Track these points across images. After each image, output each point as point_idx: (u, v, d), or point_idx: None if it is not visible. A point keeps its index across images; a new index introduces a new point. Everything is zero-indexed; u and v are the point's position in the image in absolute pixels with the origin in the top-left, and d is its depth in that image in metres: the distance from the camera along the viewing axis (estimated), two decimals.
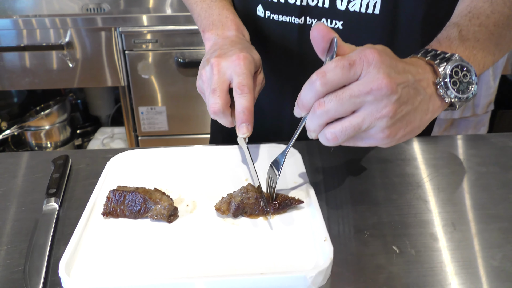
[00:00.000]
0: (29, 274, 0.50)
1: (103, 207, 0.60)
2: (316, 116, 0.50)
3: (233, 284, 0.49)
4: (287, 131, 0.92)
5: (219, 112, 0.62)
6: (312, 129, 0.52)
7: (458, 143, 0.82)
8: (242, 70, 0.62)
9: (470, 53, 0.59)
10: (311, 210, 0.60)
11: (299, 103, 0.52)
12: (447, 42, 0.59)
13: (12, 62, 1.89)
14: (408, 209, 0.63)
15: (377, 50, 0.48)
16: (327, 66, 0.48)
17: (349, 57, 0.48)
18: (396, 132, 0.50)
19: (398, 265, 0.53)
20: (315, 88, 0.49)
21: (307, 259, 0.52)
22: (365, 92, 0.47)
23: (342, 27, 0.77)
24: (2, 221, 0.61)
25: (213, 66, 0.63)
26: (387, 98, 0.47)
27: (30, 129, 2.14)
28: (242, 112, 0.61)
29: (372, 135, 0.50)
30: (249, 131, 0.62)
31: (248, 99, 0.62)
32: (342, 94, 0.48)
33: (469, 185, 0.69)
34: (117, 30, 1.84)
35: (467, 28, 0.61)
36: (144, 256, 0.53)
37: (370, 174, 0.72)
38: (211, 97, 0.62)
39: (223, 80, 0.63)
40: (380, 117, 0.48)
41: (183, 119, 2.09)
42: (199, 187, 0.66)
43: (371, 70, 0.47)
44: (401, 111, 0.49)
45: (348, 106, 0.48)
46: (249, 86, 0.62)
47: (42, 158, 0.77)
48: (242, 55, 0.63)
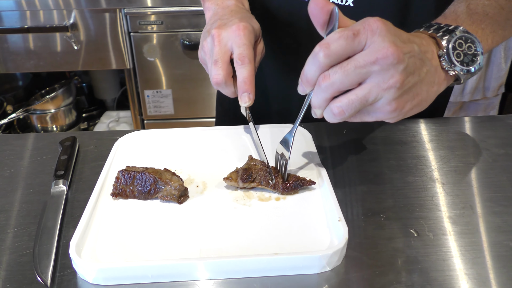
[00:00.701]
0: (39, 257, 0.49)
1: (112, 188, 0.59)
2: (321, 90, 0.48)
3: (247, 265, 0.48)
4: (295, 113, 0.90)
5: (222, 82, 0.62)
6: (318, 105, 0.50)
7: (472, 124, 0.80)
8: (242, 40, 0.62)
9: (478, 27, 0.57)
10: (324, 191, 0.59)
11: (303, 79, 0.50)
12: (453, 16, 0.58)
13: (16, 44, 1.87)
14: (425, 192, 0.61)
15: (380, 19, 0.46)
16: (330, 37, 0.46)
17: (352, 27, 0.46)
18: (404, 104, 0.49)
19: (416, 248, 0.52)
20: (318, 60, 0.47)
21: (321, 240, 0.51)
22: (370, 61, 0.45)
23: (353, 5, 0.74)
24: (10, 203, 0.60)
25: (214, 38, 0.63)
26: (393, 67, 0.45)
27: (35, 113, 2.13)
28: (243, 81, 0.61)
29: (379, 108, 0.49)
30: (250, 100, 0.62)
31: (249, 69, 0.61)
32: (347, 66, 0.46)
33: (487, 167, 0.67)
34: (122, 11, 1.82)
35: (476, 2, 0.59)
36: (155, 237, 0.52)
37: (384, 156, 0.70)
38: (213, 68, 0.63)
39: (224, 51, 0.63)
40: (387, 87, 0.46)
41: (189, 102, 2.07)
42: (209, 168, 0.65)
43: (376, 39, 0.45)
44: (408, 82, 0.47)
45: (353, 78, 0.46)
46: (249, 57, 0.62)
47: (49, 140, 0.75)
48: (242, 25, 0.63)
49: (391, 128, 0.77)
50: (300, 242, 0.51)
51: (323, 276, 0.49)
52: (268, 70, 0.89)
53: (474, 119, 0.82)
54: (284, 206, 0.57)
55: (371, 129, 0.77)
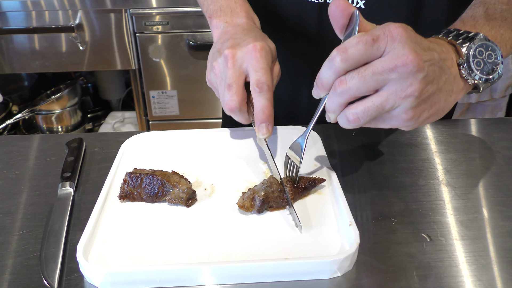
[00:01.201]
0: (46, 260, 0.49)
1: (119, 190, 0.58)
2: (336, 95, 0.47)
3: (256, 270, 0.47)
4: (304, 116, 0.89)
5: (236, 110, 0.59)
6: (332, 110, 0.49)
7: (482, 126, 0.79)
8: (260, 64, 0.58)
9: (497, 32, 0.56)
10: (334, 195, 0.58)
11: (318, 83, 0.49)
12: (472, 21, 0.57)
13: (22, 45, 1.88)
14: (436, 195, 0.60)
15: (402, 25, 0.45)
16: (349, 41, 0.45)
17: (372, 33, 0.45)
18: (420, 113, 0.48)
19: (428, 253, 0.51)
20: (335, 65, 0.46)
21: (332, 244, 0.51)
22: (389, 68, 0.44)
23: (364, 6, 0.73)
24: (16, 205, 0.59)
25: (228, 58, 0.59)
26: (413, 75, 0.44)
27: (41, 113, 2.13)
28: (261, 111, 0.58)
29: (395, 116, 0.48)
30: (269, 132, 0.59)
31: (268, 98, 0.57)
32: (365, 71, 0.45)
33: (499, 170, 0.66)
34: (128, 12, 1.81)
35: (494, 7, 0.58)
36: (163, 241, 0.52)
37: (393, 158, 0.69)
38: (226, 93, 0.59)
39: (239, 74, 0.59)
40: (405, 96, 0.45)
41: (194, 103, 2.06)
42: (217, 171, 0.64)
43: (396, 46, 0.44)
44: (426, 91, 0.46)
45: (371, 84, 0.45)
46: (268, 83, 0.57)
47: (55, 141, 0.75)
48: (259, 45, 0.58)
49: (400, 130, 0.76)
50: (311, 247, 0.50)
51: (334, 281, 0.48)
52: None
53: (483, 121, 0.80)
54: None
55: (380, 131, 0.76)
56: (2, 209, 0.59)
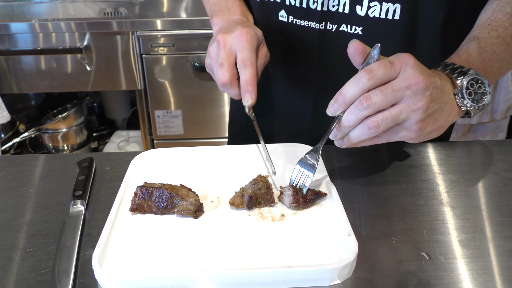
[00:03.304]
0: (58, 276, 0.51)
1: (130, 203, 0.61)
2: (359, 109, 0.55)
3: (261, 277, 0.50)
4: (307, 135, 0.92)
5: (227, 83, 0.67)
6: (350, 123, 0.56)
7: (482, 148, 0.81)
8: (245, 45, 0.67)
9: (486, 65, 0.65)
10: (333, 206, 0.61)
11: (339, 99, 0.56)
12: (466, 55, 0.66)
13: (30, 66, 1.92)
14: (436, 215, 0.62)
15: (410, 55, 0.56)
16: (372, 65, 0.55)
17: (388, 59, 0.55)
18: (426, 126, 0.56)
19: (428, 272, 0.52)
20: (362, 82, 0.54)
21: (332, 253, 0.54)
22: (404, 86, 0.53)
23: (361, 33, 0.76)
24: (29, 223, 0.61)
25: (219, 42, 0.68)
26: (422, 93, 0.54)
27: (47, 132, 2.16)
28: (245, 83, 0.66)
29: (406, 128, 0.56)
30: (252, 99, 0.67)
31: (250, 72, 0.66)
32: (386, 89, 0.54)
33: (497, 191, 0.68)
34: (135, 34, 1.86)
35: (485, 40, 0.67)
36: (172, 250, 0.55)
37: (394, 179, 0.71)
38: (219, 70, 0.68)
39: (229, 54, 0.68)
40: (416, 109, 0.54)
41: (198, 123, 2.09)
42: (223, 184, 0.67)
43: (408, 69, 0.54)
44: (431, 107, 0.55)
45: (390, 99, 0.54)
46: (251, 60, 0.66)
47: (65, 161, 0.77)
48: (245, 30, 0.68)
49: (401, 152, 0.78)
50: (311, 255, 0.53)
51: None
52: (281, 92, 0.91)
53: (482, 143, 0.83)
54: (295, 221, 0.60)
55: (381, 152, 0.78)
56: (16, 226, 0.61)
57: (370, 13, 0.75)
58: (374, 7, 0.74)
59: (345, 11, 0.76)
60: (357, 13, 0.75)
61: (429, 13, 0.74)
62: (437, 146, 0.80)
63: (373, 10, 0.74)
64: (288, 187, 0.63)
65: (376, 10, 0.74)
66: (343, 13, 0.76)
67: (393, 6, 0.73)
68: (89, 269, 0.52)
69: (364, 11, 0.75)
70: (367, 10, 0.75)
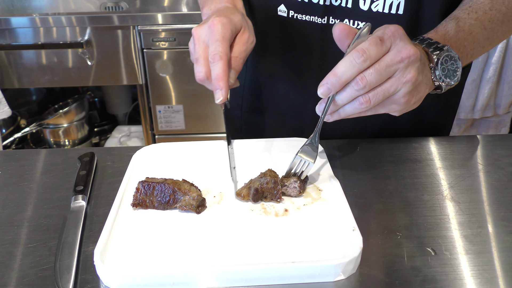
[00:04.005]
0: (60, 271, 0.50)
1: (132, 198, 0.60)
2: (355, 90, 0.55)
3: (265, 273, 0.49)
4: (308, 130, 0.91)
5: (204, 79, 0.64)
6: (344, 103, 0.57)
7: (485, 143, 0.80)
8: (215, 36, 0.62)
9: (461, 44, 0.67)
10: (337, 201, 0.61)
11: (333, 81, 0.55)
12: (443, 32, 0.67)
13: (31, 60, 1.91)
14: (441, 210, 0.61)
15: (396, 26, 0.56)
16: (363, 45, 0.54)
17: (376, 35, 0.55)
18: (412, 98, 0.58)
19: (433, 267, 0.52)
20: (357, 63, 0.54)
21: (336, 248, 0.53)
22: (397, 60, 0.54)
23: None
24: (30, 218, 0.61)
25: (194, 36, 0.65)
26: (411, 65, 0.55)
27: (48, 127, 2.16)
28: (215, 79, 0.62)
29: (394, 101, 0.57)
30: (223, 96, 0.62)
31: (220, 66, 0.61)
32: (379, 66, 0.54)
33: (502, 185, 0.67)
34: (136, 28, 1.85)
35: (464, 21, 0.68)
36: (174, 246, 0.54)
37: (399, 174, 0.70)
38: (195, 66, 0.65)
39: (204, 48, 0.64)
40: (405, 81, 0.55)
41: (199, 118, 2.09)
42: (225, 179, 0.66)
43: (398, 42, 0.55)
44: (418, 79, 0.56)
45: (385, 75, 0.55)
46: (220, 53, 0.61)
47: (66, 155, 0.76)
48: (217, 20, 0.63)
49: (405, 146, 0.78)
50: (315, 251, 0.53)
51: (338, 284, 0.50)
52: (281, 89, 0.90)
53: (486, 138, 0.82)
54: (299, 216, 0.59)
55: (384, 147, 0.77)
56: (17, 222, 0.60)
57: (373, 8, 0.74)
58: (377, 2, 0.73)
59: (348, 6, 0.75)
60: (360, 8, 0.74)
61: (433, 7, 0.73)
62: (441, 140, 0.80)
63: (377, 5, 0.73)
64: (293, 178, 0.62)
65: (380, 5, 0.73)
66: (346, 7, 0.75)
67: (397, 1, 0.72)
68: (91, 265, 0.52)
69: (367, 6, 0.74)
70: (370, 4, 0.74)
